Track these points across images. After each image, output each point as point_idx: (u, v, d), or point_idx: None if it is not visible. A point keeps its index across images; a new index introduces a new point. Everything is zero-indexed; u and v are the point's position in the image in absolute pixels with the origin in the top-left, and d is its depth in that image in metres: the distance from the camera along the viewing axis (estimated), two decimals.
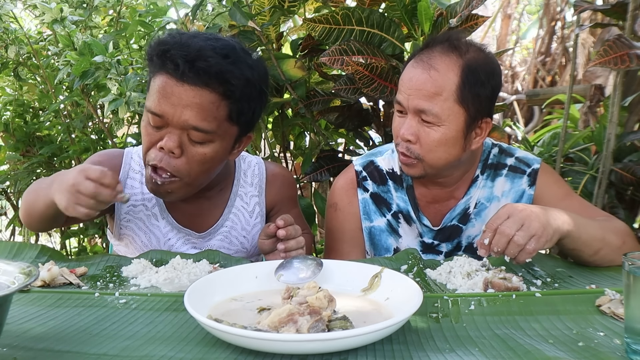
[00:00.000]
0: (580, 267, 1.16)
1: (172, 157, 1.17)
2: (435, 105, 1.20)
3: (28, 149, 2.71)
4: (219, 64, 1.13)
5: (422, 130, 1.22)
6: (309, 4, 2.13)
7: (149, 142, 1.19)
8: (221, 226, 1.40)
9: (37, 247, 1.28)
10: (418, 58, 1.25)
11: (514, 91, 7.77)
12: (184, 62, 1.11)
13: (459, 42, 1.25)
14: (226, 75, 1.14)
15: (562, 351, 0.73)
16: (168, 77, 1.13)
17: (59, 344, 0.77)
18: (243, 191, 1.43)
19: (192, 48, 1.13)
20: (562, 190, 1.35)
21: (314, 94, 2.03)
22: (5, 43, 2.34)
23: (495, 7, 8.43)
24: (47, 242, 3.10)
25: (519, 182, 1.35)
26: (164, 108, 1.14)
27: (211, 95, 1.14)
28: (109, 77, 1.99)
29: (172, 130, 1.15)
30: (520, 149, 1.41)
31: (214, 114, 1.15)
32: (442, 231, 1.37)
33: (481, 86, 1.21)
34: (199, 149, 1.18)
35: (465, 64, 1.21)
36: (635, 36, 1.75)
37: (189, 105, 1.13)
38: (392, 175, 1.41)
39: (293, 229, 1.12)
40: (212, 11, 2.02)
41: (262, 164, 1.48)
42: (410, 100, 1.22)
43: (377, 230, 1.40)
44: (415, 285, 0.87)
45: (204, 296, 0.88)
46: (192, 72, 1.11)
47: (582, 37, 5.93)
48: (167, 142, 1.15)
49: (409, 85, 1.22)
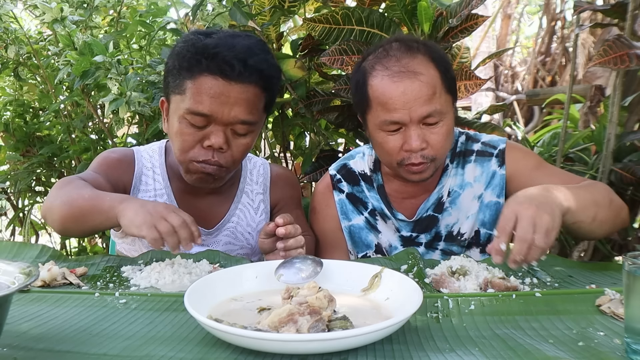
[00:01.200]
0: (580, 267, 1.16)
1: (221, 152, 1.23)
2: (436, 104, 1.22)
3: (28, 149, 2.71)
4: (265, 60, 1.23)
5: (428, 132, 1.24)
6: (309, 4, 2.13)
7: (192, 141, 1.23)
8: (228, 221, 1.44)
9: (37, 247, 1.28)
10: (388, 72, 1.23)
11: (514, 91, 7.77)
12: (238, 62, 1.18)
13: (408, 41, 1.28)
14: (270, 70, 1.25)
15: (562, 351, 0.73)
16: (213, 77, 1.18)
17: (59, 344, 0.77)
18: (249, 188, 1.48)
19: (240, 47, 1.20)
20: (533, 161, 1.36)
21: (314, 94, 2.03)
22: (6, 43, 2.34)
23: (495, 7, 8.42)
24: (47, 242, 3.10)
25: (488, 164, 1.37)
26: (213, 108, 1.19)
27: (255, 90, 1.23)
28: (109, 77, 1.99)
29: (217, 127, 1.22)
30: (486, 134, 1.44)
31: (257, 106, 1.25)
32: (419, 223, 1.39)
33: (450, 69, 1.28)
34: (242, 140, 1.26)
35: (432, 56, 1.25)
36: (635, 36, 1.75)
37: (237, 102, 1.20)
38: (364, 176, 1.44)
39: (293, 228, 1.12)
40: (212, 11, 2.02)
41: (267, 164, 1.54)
42: (413, 112, 1.21)
43: (356, 228, 1.43)
44: (415, 285, 0.87)
45: (204, 296, 0.88)
46: (246, 71, 1.19)
47: (582, 37, 5.93)
48: (215, 140, 1.21)
49: (404, 99, 1.21)
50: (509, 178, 1.35)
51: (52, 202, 1.20)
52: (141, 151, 1.43)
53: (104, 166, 1.36)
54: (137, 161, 1.40)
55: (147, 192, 1.39)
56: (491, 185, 1.36)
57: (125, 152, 1.43)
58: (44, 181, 2.78)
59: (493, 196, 1.36)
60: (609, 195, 1.18)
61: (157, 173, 1.41)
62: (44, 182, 2.78)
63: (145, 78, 2.08)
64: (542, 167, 1.34)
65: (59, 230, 1.24)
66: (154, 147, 1.46)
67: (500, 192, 1.36)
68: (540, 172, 1.32)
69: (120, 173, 1.37)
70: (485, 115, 3.42)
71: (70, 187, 1.21)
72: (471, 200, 1.37)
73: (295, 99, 2.02)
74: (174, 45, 1.30)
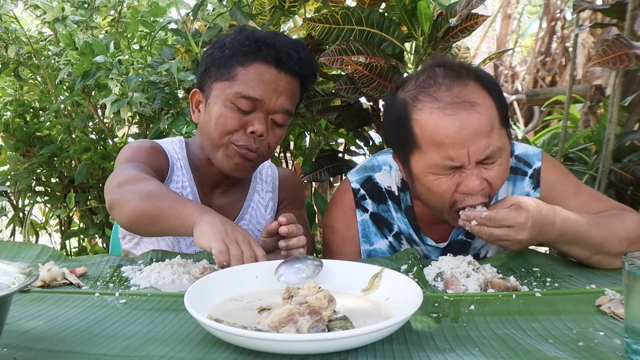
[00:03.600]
0: (580, 267, 1.16)
1: (260, 139, 1.29)
2: (496, 140, 1.07)
3: (28, 149, 2.71)
4: (309, 58, 1.34)
5: (486, 170, 1.09)
6: (309, 4, 2.13)
7: (235, 125, 1.27)
8: (241, 219, 1.47)
9: (37, 247, 1.28)
10: (441, 105, 1.06)
11: (514, 91, 7.77)
12: (294, 53, 1.28)
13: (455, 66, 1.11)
14: (313, 67, 1.36)
15: (562, 351, 0.73)
16: (266, 66, 1.27)
17: (59, 344, 0.77)
18: (260, 187, 1.52)
19: (293, 42, 1.33)
20: (570, 188, 1.25)
21: (314, 94, 2.03)
22: (6, 43, 2.34)
23: (495, 7, 8.42)
24: (47, 242, 3.10)
25: (521, 184, 1.27)
26: (264, 93, 1.26)
27: (297, 83, 1.32)
28: (110, 77, 1.99)
29: (260, 115, 1.28)
30: (519, 144, 1.32)
31: (296, 99, 1.35)
32: (449, 248, 1.29)
33: (502, 95, 1.13)
34: (278, 130, 1.33)
35: (484, 85, 1.09)
36: (634, 36, 1.75)
37: (285, 91, 1.29)
38: (391, 194, 1.31)
39: (295, 227, 1.12)
40: (212, 11, 2.02)
41: (274, 166, 1.60)
42: (473, 150, 1.04)
43: (378, 254, 1.31)
44: (415, 285, 0.87)
45: (204, 296, 0.88)
46: (298, 63, 1.28)
47: (582, 37, 5.93)
48: (258, 126, 1.26)
49: (462, 135, 1.03)
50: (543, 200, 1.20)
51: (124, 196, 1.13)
52: (164, 144, 1.42)
53: (143, 156, 1.31)
54: (167, 151, 1.40)
55: (177, 182, 1.40)
56: None
57: (151, 142, 1.40)
58: (44, 181, 2.78)
59: None
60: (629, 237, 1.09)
61: (185, 169, 1.42)
62: (44, 182, 2.78)
63: (146, 78, 2.08)
64: (579, 194, 1.24)
65: (126, 225, 1.18)
66: (174, 141, 1.45)
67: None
68: (577, 200, 1.21)
69: (160, 161, 1.35)
70: None
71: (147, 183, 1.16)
72: None
73: None
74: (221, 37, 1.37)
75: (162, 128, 2.10)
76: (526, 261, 1.17)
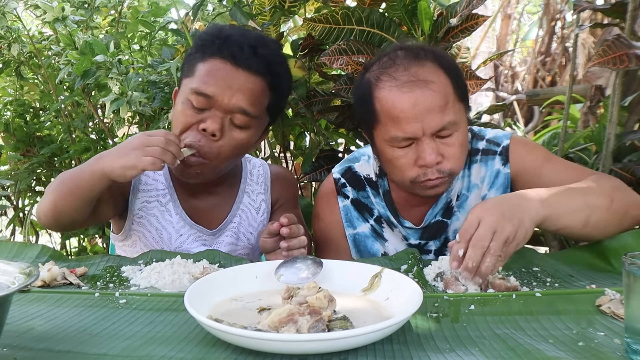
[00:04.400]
0: (580, 267, 1.15)
1: (212, 139, 1.22)
2: (450, 115, 1.15)
3: (28, 149, 2.71)
4: (276, 55, 1.26)
5: (443, 145, 1.16)
6: (309, 4, 2.13)
7: (188, 123, 1.23)
8: (230, 222, 1.44)
9: (37, 247, 1.28)
10: (396, 82, 1.15)
11: (514, 91, 7.77)
12: (248, 48, 1.21)
13: (412, 48, 1.21)
14: (278, 67, 1.26)
15: (562, 351, 0.73)
16: (222, 61, 1.21)
17: (59, 344, 0.77)
18: (250, 189, 1.48)
19: (252, 37, 1.25)
20: (539, 156, 1.28)
21: (314, 94, 2.03)
22: (9, 42, 2.34)
23: (495, 7, 8.42)
24: (47, 242, 3.10)
25: (492, 163, 1.31)
26: (216, 90, 1.20)
27: (262, 83, 1.23)
28: (110, 76, 1.99)
29: (216, 113, 1.22)
30: (490, 129, 1.37)
31: (260, 101, 1.25)
32: (427, 229, 1.34)
33: (461, 75, 1.22)
34: (237, 133, 1.24)
35: (441, 63, 1.18)
36: (635, 36, 1.75)
37: (241, 89, 1.21)
38: (369, 181, 1.38)
39: (296, 228, 1.12)
40: (212, 11, 2.03)
41: (265, 165, 1.54)
42: (426, 125, 1.13)
43: (361, 237, 1.38)
44: (415, 285, 0.87)
45: (204, 296, 0.88)
46: (252, 59, 1.21)
47: (582, 37, 5.93)
48: (211, 124, 1.20)
49: (416, 110, 1.12)
50: (515, 177, 1.29)
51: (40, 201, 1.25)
52: None
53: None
54: None
55: (147, 191, 1.40)
56: (495, 185, 1.30)
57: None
58: (44, 181, 2.78)
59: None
60: (610, 194, 1.09)
61: (158, 173, 1.41)
62: (44, 182, 2.78)
63: (146, 78, 2.08)
64: (549, 162, 1.26)
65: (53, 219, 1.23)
66: None
67: (504, 192, 1.29)
68: (548, 168, 1.24)
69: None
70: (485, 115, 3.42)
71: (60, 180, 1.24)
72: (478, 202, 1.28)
73: (295, 99, 2.02)
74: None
75: (162, 127, 2.11)
76: (526, 261, 1.16)
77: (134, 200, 1.39)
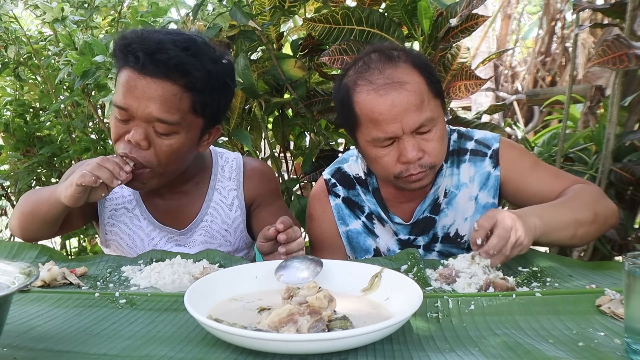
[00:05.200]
0: (580, 266, 1.16)
1: (141, 149, 1.21)
2: (427, 112, 1.19)
3: (28, 149, 2.71)
4: (179, 56, 1.17)
5: (423, 141, 1.21)
6: (309, 4, 2.13)
7: (117, 134, 1.23)
8: (201, 221, 1.42)
9: (37, 247, 1.28)
10: (373, 86, 1.19)
11: (514, 91, 7.76)
12: (144, 55, 1.15)
13: (386, 50, 1.24)
14: (187, 67, 1.17)
15: (562, 351, 0.73)
16: (131, 71, 1.17)
17: (59, 344, 0.78)
18: (221, 185, 1.44)
19: (152, 41, 1.17)
20: (527, 162, 1.34)
21: (314, 94, 2.03)
22: (6, 43, 2.34)
23: (495, 7, 8.42)
24: (47, 242, 3.10)
25: (482, 164, 1.35)
26: (129, 102, 1.18)
27: (173, 87, 1.17)
28: (109, 76, 1.99)
29: (138, 123, 1.19)
30: (477, 130, 1.41)
31: (177, 106, 1.19)
32: (415, 225, 1.38)
33: (434, 72, 1.26)
34: (164, 140, 1.21)
35: (414, 63, 1.22)
36: (634, 36, 1.75)
37: (152, 97, 1.17)
38: (359, 179, 1.42)
39: (292, 231, 1.10)
40: (212, 11, 2.02)
41: (240, 159, 1.49)
42: (405, 124, 1.18)
43: (354, 233, 1.41)
44: (415, 285, 0.87)
45: (204, 296, 0.88)
46: (152, 65, 1.15)
47: (582, 37, 5.92)
48: (134, 135, 1.19)
49: (394, 112, 1.17)
50: (504, 180, 1.34)
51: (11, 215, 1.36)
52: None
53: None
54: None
55: (113, 200, 1.40)
56: (486, 187, 1.35)
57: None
58: (44, 181, 2.78)
59: (489, 197, 1.35)
60: (593, 208, 1.19)
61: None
62: (44, 182, 2.78)
63: None
64: (536, 169, 1.33)
65: (20, 235, 1.34)
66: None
67: (494, 194, 1.34)
68: (535, 176, 1.31)
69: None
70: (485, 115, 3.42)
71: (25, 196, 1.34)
72: (467, 201, 1.36)
73: (295, 99, 2.02)
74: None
75: None
76: (526, 261, 1.17)
77: (103, 210, 1.41)
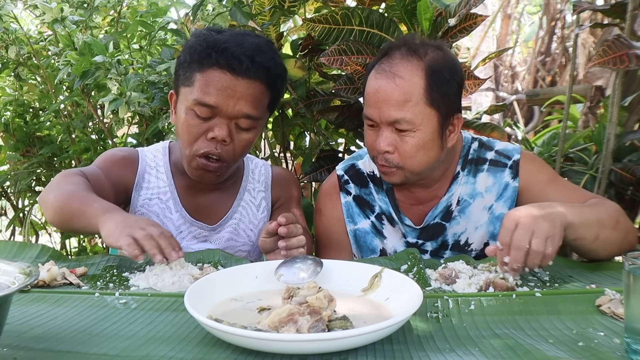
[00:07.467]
0: (580, 266, 1.16)
1: (223, 144, 1.27)
2: (407, 112, 1.19)
3: (28, 149, 2.71)
4: (272, 58, 1.28)
5: (399, 139, 1.22)
6: (309, 4, 2.13)
7: (196, 133, 1.27)
8: (230, 218, 1.46)
9: (37, 247, 1.28)
10: (379, 68, 1.23)
11: (514, 91, 7.77)
12: (246, 58, 1.23)
13: (417, 45, 1.24)
14: (275, 68, 1.29)
15: (562, 351, 0.73)
16: (222, 71, 1.23)
17: (59, 344, 0.77)
18: (251, 186, 1.51)
19: (248, 45, 1.25)
20: (547, 176, 1.33)
21: (314, 94, 2.03)
22: (6, 43, 2.34)
23: (495, 7, 8.42)
24: (47, 242, 3.10)
25: (501, 175, 1.34)
26: (219, 100, 1.23)
27: (261, 86, 1.27)
28: (109, 77, 2.00)
29: (221, 120, 1.26)
30: (499, 141, 1.40)
31: (262, 103, 1.29)
32: (425, 230, 1.37)
33: (447, 84, 1.22)
34: (244, 135, 1.30)
35: (428, 66, 1.20)
36: (635, 36, 1.75)
37: (243, 96, 1.25)
38: (373, 177, 1.42)
39: (294, 227, 1.12)
40: (212, 11, 2.02)
41: (267, 165, 1.57)
42: (382, 113, 1.20)
43: (361, 233, 1.41)
44: (415, 285, 0.87)
45: (204, 296, 0.88)
46: (253, 67, 1.24)
47: (582, 37, 5.92)
48: (219, 132, 1.25)
49: (376, 97, 1.20)
50: (522, 191, 1.32)
51: (47, 194, 1.26)
52: (145, 151, 1.47)
53: (108, 163, 1.40)
54: (140, 160, 1.44)
55: (149, 189, 1.42)
56: (503, 197, 1.33)
57: (130, 151, 1.47)
58: (44, 181, 2.78)
59: (504, 208, 1.32)
60: (616, 216, 1.16)
61: (160, 172, 1.44)
62: (44, 182, 2.78)
63: (145, 78, 2.08)
64: (555, 182, 1.32)
65: (50, 223, 1.30)
66: (158, 147, 1.49)
67: (511, 205, 1.33)
68: (553, 188, 1.30)
69: (123, 171, 1.41)
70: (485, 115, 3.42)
71: (68, 182, 1.26)
72: (481, 211, 1.34)
73: (295, 99, 2.02)
74: (187, 40, 1.35)
75: (161, 127, 2.11)
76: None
77: (137, 197, 1.42)
